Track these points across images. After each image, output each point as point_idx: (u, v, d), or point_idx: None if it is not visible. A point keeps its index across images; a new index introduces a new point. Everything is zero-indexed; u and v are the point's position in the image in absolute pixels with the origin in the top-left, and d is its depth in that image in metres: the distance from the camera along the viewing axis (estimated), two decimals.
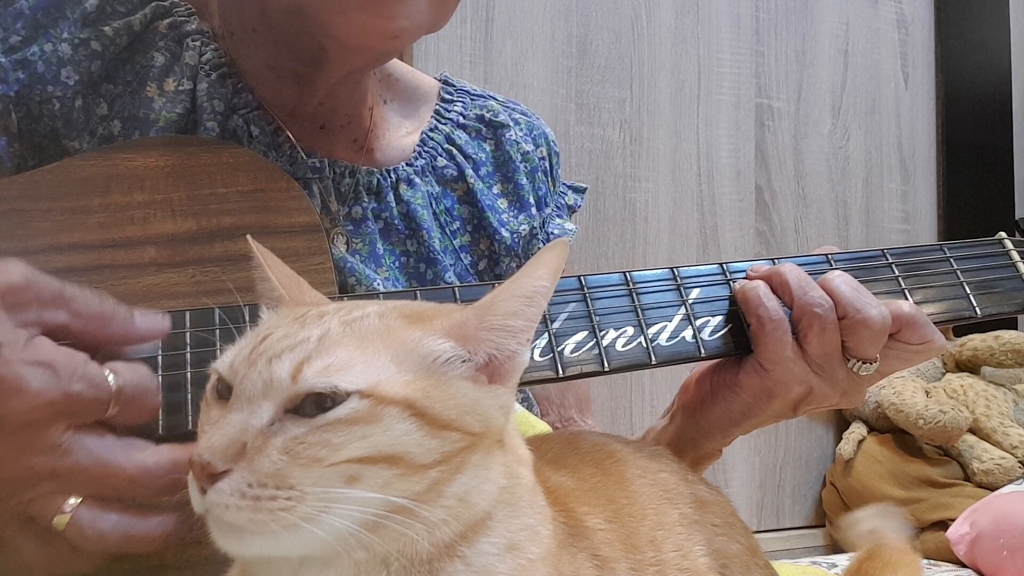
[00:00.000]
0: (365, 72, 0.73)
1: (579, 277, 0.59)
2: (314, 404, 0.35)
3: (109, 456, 0.42)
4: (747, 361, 0.60)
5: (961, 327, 1.76)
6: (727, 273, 0.61)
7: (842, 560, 1.44)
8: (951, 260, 0.65)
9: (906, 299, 0.62)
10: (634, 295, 0.59)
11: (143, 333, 0.46)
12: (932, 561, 1.57)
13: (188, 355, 0.52)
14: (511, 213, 0.78)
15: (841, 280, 0.59)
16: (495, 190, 0.78)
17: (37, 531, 0.43)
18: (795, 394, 0.60)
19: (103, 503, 0.43)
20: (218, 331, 0.53)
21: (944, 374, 1.82)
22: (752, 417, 0.62)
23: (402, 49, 0.64)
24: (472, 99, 0.81)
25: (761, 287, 0.59)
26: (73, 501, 0.42)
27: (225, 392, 0.37)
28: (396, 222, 0.72)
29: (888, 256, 0.65)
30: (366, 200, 0.71)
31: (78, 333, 0.44)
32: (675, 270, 0.60)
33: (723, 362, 0.63)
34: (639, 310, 0.58)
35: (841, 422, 1.89)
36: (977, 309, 0.64)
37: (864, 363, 0.59)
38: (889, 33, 2.08)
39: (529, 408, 0.77)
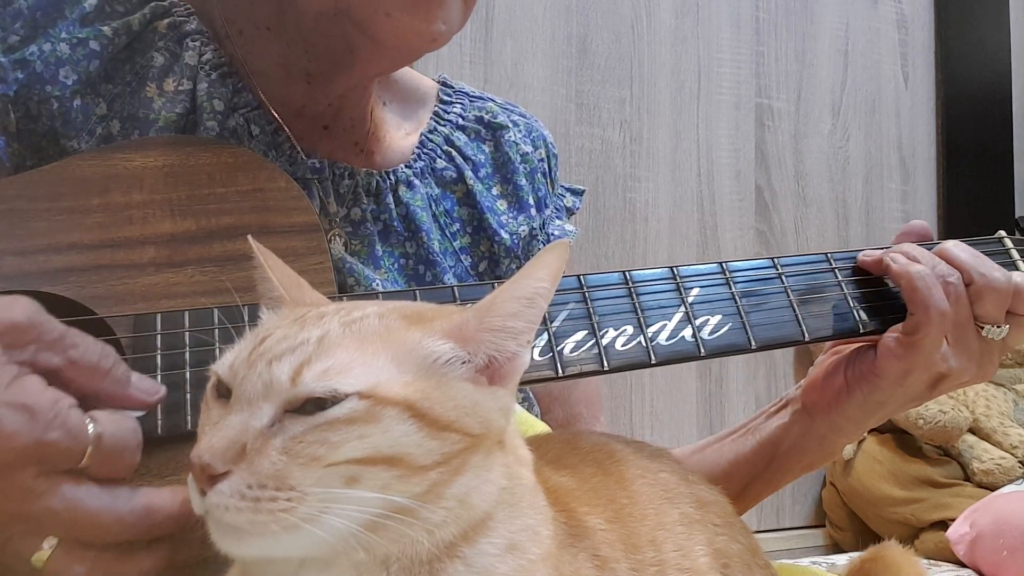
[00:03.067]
0: (385, 75, 0.74)
1: (578, 276, 0.58)
2: (314, 405, 0.35)
3: (82, 502, 0.41)
4: (884, 347, 0.61)
5: None
6: (727, 272, 0.61)
7: (842, 560, 1.44)
8: None
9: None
10: (633, 294, 0.58)
11: (135, 398, 0.45)
12: (932, 561, 1.57)
13: (187, 355, 0.52)
14: (511, 214, 0.78)
15: (959, 248, 0.61)
16: (494, 191, 0.78)
17: (18, 569, 0.42)
18: (935, 372, 0.61)
19: (81, 546, 0.42)
20: (217, 331, 0.53)
21: None
22: (888, 404, 0.64)
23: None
24: (471, 100, 0.81)
25: (929, 276, 0.60)
26: (49, 544, 0.41)
27: (225, 393, 0.37)
28: (395, 224, 0.72)
29: None
30: (365, 202, 0.71)
31: (69, 382, 0.43)
32: (675, 269, 0.60)
33: (855, 355, 0.64)
34: (638, 309, 0.58)
35: None
36: None
37: (995, 326, 0.61)
38: (889, 33, 2.08)
39: (529, 408, 0.77)
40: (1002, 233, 0.68)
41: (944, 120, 2.12)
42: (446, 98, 0.80)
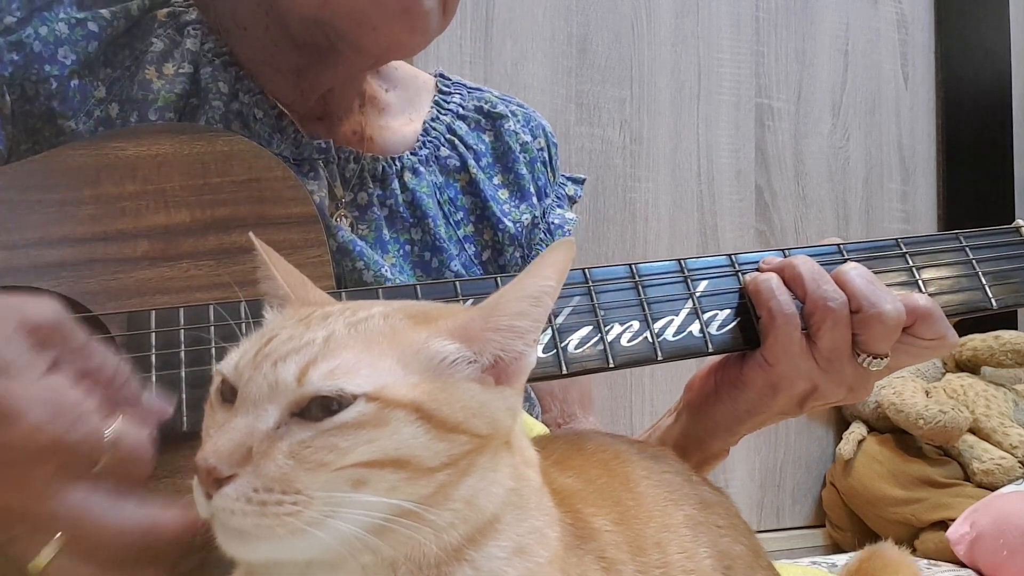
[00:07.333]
0: (366, 72, 0.74)
1: (584, 270, 0.57)
2: (320, 407, 0.34)
3: (90, 509, 0.41)
4: (752, 357, 0.58)
5: (962, 326, 1.75)
6: (736, 265, 0.60)
7: (842, 560, 1.43)
8: (967, 249, 0.63)
9: (921, 292, 0.61)
10: (640, 288, 0.57)
11: (143, 413, 0.45)
12: (932, 561, 1.57)
13: (183, 353, 0.51)
14: (512, 203, 0.78)
15: (856, 272, 0.57)
16: (496, 181, 0.78)
17: (13, 569, 0.42)
18: (800, 390, 0.58)
19: (82, 555, 0.41)
20: (212, 328, 0.51)
21: (944, 374, 1.81)
22: (757, 415, 0.61)
23: None
24: (469, 91, 0.82)
25: (774, 280, 0.57)
26: (50, 550, 0.41)
27: (230, 394, 0.37)
28: (401, 210, 0.72)
29: (902, 246, 0.63)
30: (371, 186, 0.71)
31: (89, 388, 0.43)
32: (682, 262, 0.59)
33: (727, 359, 0.61)
34: (645, 304, 0.57)
35: (841, 422, 1.88)
36: (993, 300, 0.62)
37: (875, 358, 0.57)
38: (889, 33, 2.08)
39: (531, 409, 0.76)
40: (1020, 223, 0.66)
41: (944, 120, 2.11)
42: (445, 88, 0.81)
